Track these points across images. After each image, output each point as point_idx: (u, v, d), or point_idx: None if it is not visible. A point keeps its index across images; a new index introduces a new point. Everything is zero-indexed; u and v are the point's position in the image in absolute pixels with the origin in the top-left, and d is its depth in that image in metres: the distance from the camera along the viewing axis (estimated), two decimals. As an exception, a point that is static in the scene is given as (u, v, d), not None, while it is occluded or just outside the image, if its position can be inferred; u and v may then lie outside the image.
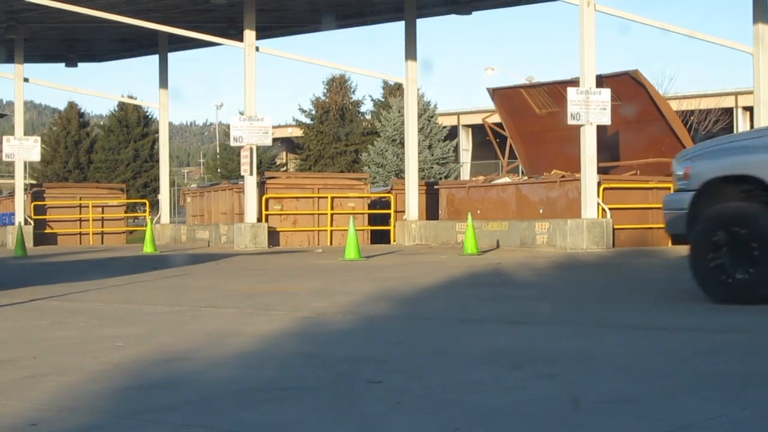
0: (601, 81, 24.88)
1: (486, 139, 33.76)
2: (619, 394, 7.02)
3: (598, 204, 23.53)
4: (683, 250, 20.31)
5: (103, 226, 38.97)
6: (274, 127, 32.93)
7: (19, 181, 37.22)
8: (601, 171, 24.61)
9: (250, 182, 30.17)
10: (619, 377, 7.62)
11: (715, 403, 6.63)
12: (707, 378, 7.52)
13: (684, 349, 8.94)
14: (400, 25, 31.38)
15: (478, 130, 61.64)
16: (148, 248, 29.40)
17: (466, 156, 69.26)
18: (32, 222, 36.58)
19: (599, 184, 23.85)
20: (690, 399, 6.78)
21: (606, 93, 23.89)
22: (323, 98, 74.33)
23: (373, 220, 32.91)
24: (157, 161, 46.46)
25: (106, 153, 75.35)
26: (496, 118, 32.70)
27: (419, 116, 47.21)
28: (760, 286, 11.31)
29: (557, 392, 7.09)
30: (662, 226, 22.74)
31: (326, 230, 31.79)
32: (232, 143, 31.31)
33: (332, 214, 31.73)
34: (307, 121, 74.38)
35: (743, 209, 11.56)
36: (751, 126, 30.95)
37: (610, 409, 6.57)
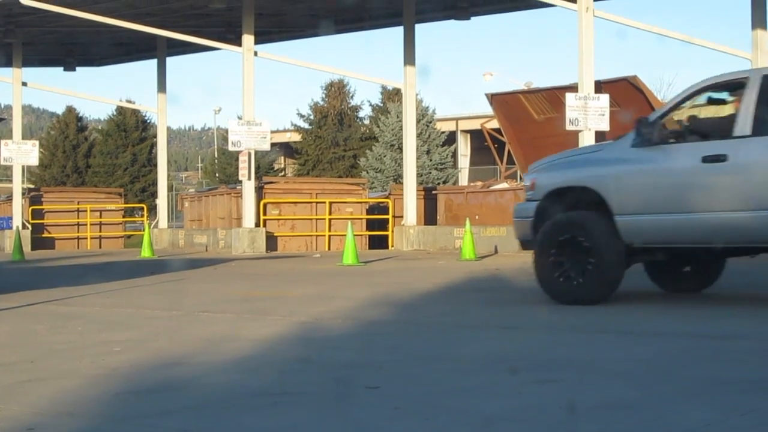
0: (600, 87, 24.89)
1: (484, 145, 33.78)
2: (618, 400, 7.01)
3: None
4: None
5: (101, 231, 38.97)
6: (272, 132, 32.91)
7: (17, 185, 37.21)
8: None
9: (249, 187, 30.17)
10: (617, 383, 7.62)
11: (713, 409, 6.63)
12: (705, 384, 7.51)
13: (681, 355, 8.94)
14: (398, 30, 31.42)
15: (476, 136, 61.64)
16: (145, 253, 29.39)
17: (464, 161, 69.28)
18: (30, 226, 36.57)
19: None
20: (688, 405, 6.77)
21: (604, 99, 23.90)
22: (321, 103, 74.36)
23: (371, 225, 32.90)
24: (155, 166, 46.49)
25: (104, 157, 75.37)
26: (494, 124, 32.71)
27: (417, 121, 47.20)
28: (594, 288, 12.57)
29: (555, 398, 7.09)
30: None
31: (324, 235, 31.80)
32: (231, 148, 31.30)
33: (330, 219, 31.74)
34: (306, 125, 74.40)
35: (578, 217, 12.76)
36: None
37: (608, 415, 6.57)
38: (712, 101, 13.46)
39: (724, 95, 12.94)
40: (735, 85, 12.58)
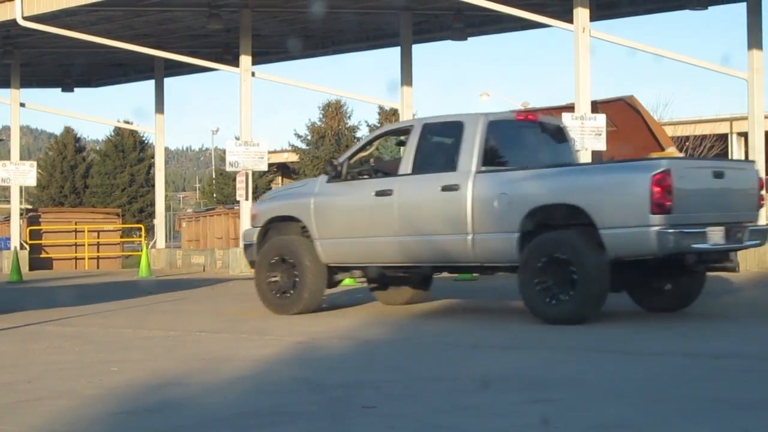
0: (596, 106, 24.92)
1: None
2: (614, 419, 7.02)
3: (594, 229, 23.52)
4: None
5: (98, 251, 38.92)
6: (269, 152, 32.96)
7: (15, 205, 37.20)
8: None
9: (246, 207, 30.15)
10: (613, 402, 7.63)
11: (708, 428, 6.64)
12: (701, 403, 7.53)
13: (677, 374, 8.95)
14: (396, 51, 31.48)
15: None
16: (143, 273, 29.37)
17: (461, 181, 69.18)
18: (28, 247, 36.56)
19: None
20: (684, 424, 6.79)
21: (601, 118, 23.93)
22: (319, 123, 74.42)
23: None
24: (153, 186, 46.45)
25: (102, 178, 75.34)
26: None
27: (415, 141, 47.21)
28: (300, 302, 14.94)
29: (552, 417, 7.10)
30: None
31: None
32: (228, 168, 31.32)
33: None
34: (303, 146, 74.45)
35: (285, 242, 15.20)
36: (746, 152, 31.02)
37: (604, 434, 6.58)
38: (399, 143, 16.05)
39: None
40: (404, 131, 14.98)
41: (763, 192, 14.10)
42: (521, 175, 13.51)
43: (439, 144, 14.64)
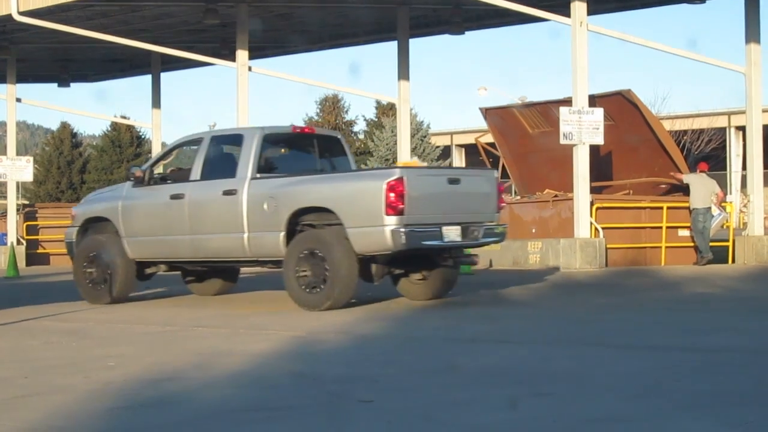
0: (594, 100, 24.89)
1: (479, 159, 33.74)
2: (611, 413, 7.02)
3: (591, 223, 23.51)
4: (679, 269, 20.40)
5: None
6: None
7: (12, 201, 37.12)
8: (593, 190, 24.60)
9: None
10: (610, 396, 7.62)
11: (706, 422, 6.64)
12: (699, 397, 7.52)
13: (675, 368, 8.94)
14: (393, 45, 31.43)
15: (471, 150, 61.74)
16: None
17: (459, 176, 69.24)
18: (25, 242, 36.51)
19: (592, 203, 23.83)
20: (681, 418, 6.78)
21: (599, 113, 23.90)
22: (316, 118, 74.45)
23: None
24: (150, 181, 46.38)
25: (99, 173, 75.35)
26: (488, 138, 32.68)
27: (412, 136, 47.21)
28: (110, 293, 16.82)
29: (548, 411, 7.09)
30: (655, 245, 22.80)
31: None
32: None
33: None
34: (300, 141, 74.41)
35: (96, 241, 17.02)
36: (744, 145, 31.01)
37: (602, 428, 6.57)
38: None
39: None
40: (197, 142, 16.58)
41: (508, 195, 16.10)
42: (286, 182, 15.31)
43: (223, 154, 16.45)
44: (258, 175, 15.48)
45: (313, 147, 16.82)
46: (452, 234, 14.65)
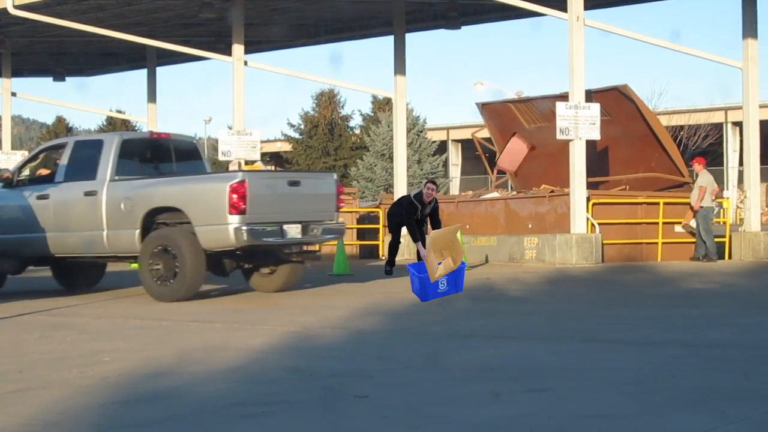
0: (591, 96, 24.86)
1: (475, 154, 33.71)
2: (608, 409, 7.00)
3: (588, 219, 23.49)
4: (675, 265, 20.41)
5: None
6: (262, 142, 32.83)
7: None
8: (590, 186, 24.59)
9: (239, 197, 30.10)
10: (607, 392, 7.61)
11: (702, 418, 6.62)
12: (694, 393, 7.51)
13: (671, 364, 8.93)
14: (389, 40, 31.40)
15: (467, 145, 61.70)
16: (136, 263, 29.31)
17: (455, 171, 69.31)
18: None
19: (588, 199, 23.81)
20: (677, 414, 6.76)
21: (595, 108, 23.87)
22: (312, 113, 74.39)
23: (361, 235, 32.86)
24: (146, 176, 46.34)
25: (95, 167, 75.15)
26: (485, 133, 32.67)
27: (408, 131, 47.19)
28: None
29: (545, 407, 7.08)
30: (652, 241, 22.78)
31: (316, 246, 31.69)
32: (221, 157, 31.22)
33: (321, 229, 31.64)
34: (296, 135, 74.43)
35: None
36: (741, 140, 30.99)
37: (597, 424, 6.55)
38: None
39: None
40: (61, 147, 17.80)
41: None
42: (142, 183, 16.57)
43: (85, 157, 17.15)
44: (116, 178, 16.63)
45: (169, 152, 17.96)
46: (293, 232, 16.11)
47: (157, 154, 17.95)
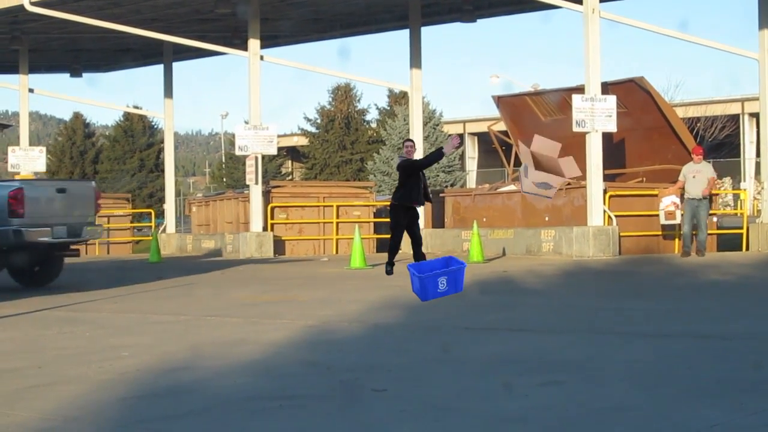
0: (607, 88, 24.85)
1: (492, 147, 33.69)
2: (624, 401, 7.00)
3: (604, 211, 23.49)
4: (692, 257, 20.34)
5: (108, 236, 38.92)
6: (279, 136, 32.92)
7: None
8: (606, 178, 24.58)
9: (256, 191, 30.15)
10: (623, 385, 7.61)
11: (719, 409, 6.62)
12: (711, 385, 7.50)
13: (688, 355, 8.92)
14: (405, 33, 31.42)
15: (484, 138, 61.64)
16: (153, 258, 29.41)
17: (472, 164, 69.25)
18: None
19: (605, 191, 23.81)
20: (694, 406, 6.76)
21: (611, 100, 23.86)
22: (328, 107, 74.40)
23: (378, 228, 32.87)
24: (163, 171, 46.46)
25: (112, 163, 75.49)
26: (501, 126, 32.66)
27: (425, 124, 47.14)
28: None
29: (561, 400, 7.08)
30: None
31: (332, 239, 31.74)
32: (237, 152, 31.30)
33: (338, 223, 31.72)
34: (313, 129, 74.45)
35: None
36: (758, 132, 30.88)
37: (614, 416, 6.56)
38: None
39: None
40: None
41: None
42: None
43: None
44: None
45: None
46: (60, 232, 17.93)
47: None
